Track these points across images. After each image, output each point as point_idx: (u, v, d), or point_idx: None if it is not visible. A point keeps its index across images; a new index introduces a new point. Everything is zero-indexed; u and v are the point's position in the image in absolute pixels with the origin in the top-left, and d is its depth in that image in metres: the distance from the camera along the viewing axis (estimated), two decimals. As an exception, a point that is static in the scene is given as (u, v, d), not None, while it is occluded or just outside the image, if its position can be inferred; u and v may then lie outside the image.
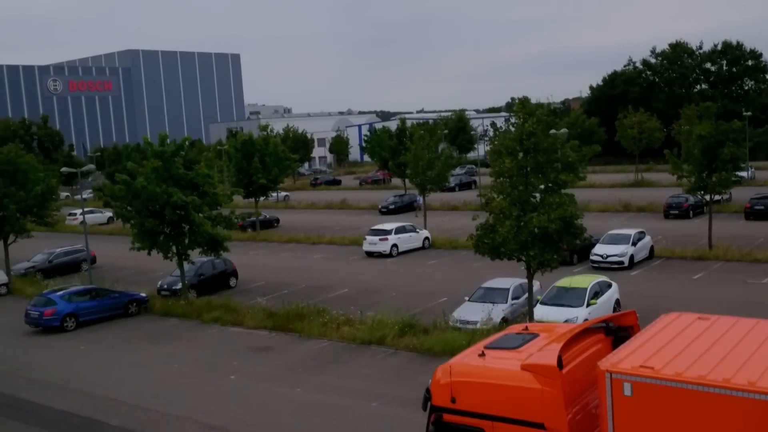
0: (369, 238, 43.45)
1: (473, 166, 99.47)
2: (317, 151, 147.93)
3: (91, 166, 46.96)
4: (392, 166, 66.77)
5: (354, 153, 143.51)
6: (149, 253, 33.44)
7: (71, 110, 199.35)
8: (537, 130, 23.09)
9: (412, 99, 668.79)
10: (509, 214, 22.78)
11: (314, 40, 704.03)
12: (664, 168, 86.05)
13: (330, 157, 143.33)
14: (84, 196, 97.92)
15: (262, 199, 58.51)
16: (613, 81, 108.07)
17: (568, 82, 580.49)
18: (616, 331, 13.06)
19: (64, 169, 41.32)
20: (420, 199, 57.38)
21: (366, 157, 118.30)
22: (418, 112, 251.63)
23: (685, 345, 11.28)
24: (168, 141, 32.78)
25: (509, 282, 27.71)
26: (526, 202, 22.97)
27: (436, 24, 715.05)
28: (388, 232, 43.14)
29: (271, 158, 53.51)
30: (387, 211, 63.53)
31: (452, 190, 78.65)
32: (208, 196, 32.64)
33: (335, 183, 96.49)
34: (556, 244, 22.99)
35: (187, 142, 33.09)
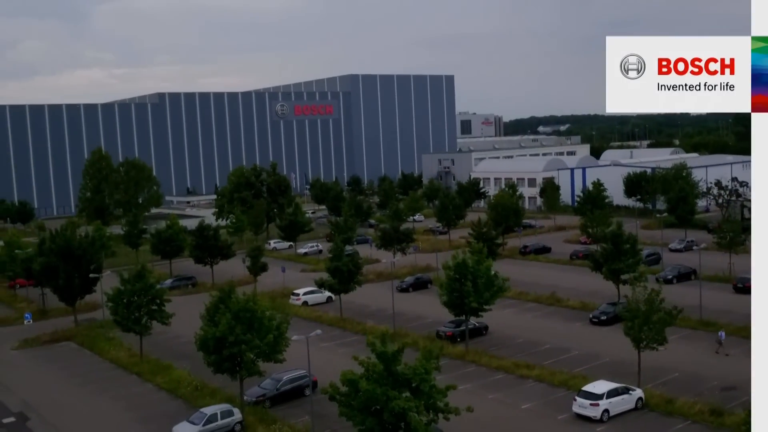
0: (579, 400, 43.15)
1: (693, 240, 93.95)
2: (527, 191, 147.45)
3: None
4: (606, 272, 65.25)
5: (565, 195, 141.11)
6: (370, 442, 35.70)
7: (296, 133, 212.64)
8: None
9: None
10: None
11: (531, 37, 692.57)
12: None
13: (539, 201, 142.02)
14: (305, 250, 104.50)
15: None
16: None
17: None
18: None
19: None
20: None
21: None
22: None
23: None
24: (387, 337, 34.75)
25: None
26: None
27: (664, 19, 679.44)
28: (599, 397, 42.59)
29: (482, 280, 54.52)
30: (598, 322, 62.38)
31: (669, 282, 74.41)
32: (423, 394, 34.23)
33: (545, 251, 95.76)
34: None
35: (405, 347, 34.82)
